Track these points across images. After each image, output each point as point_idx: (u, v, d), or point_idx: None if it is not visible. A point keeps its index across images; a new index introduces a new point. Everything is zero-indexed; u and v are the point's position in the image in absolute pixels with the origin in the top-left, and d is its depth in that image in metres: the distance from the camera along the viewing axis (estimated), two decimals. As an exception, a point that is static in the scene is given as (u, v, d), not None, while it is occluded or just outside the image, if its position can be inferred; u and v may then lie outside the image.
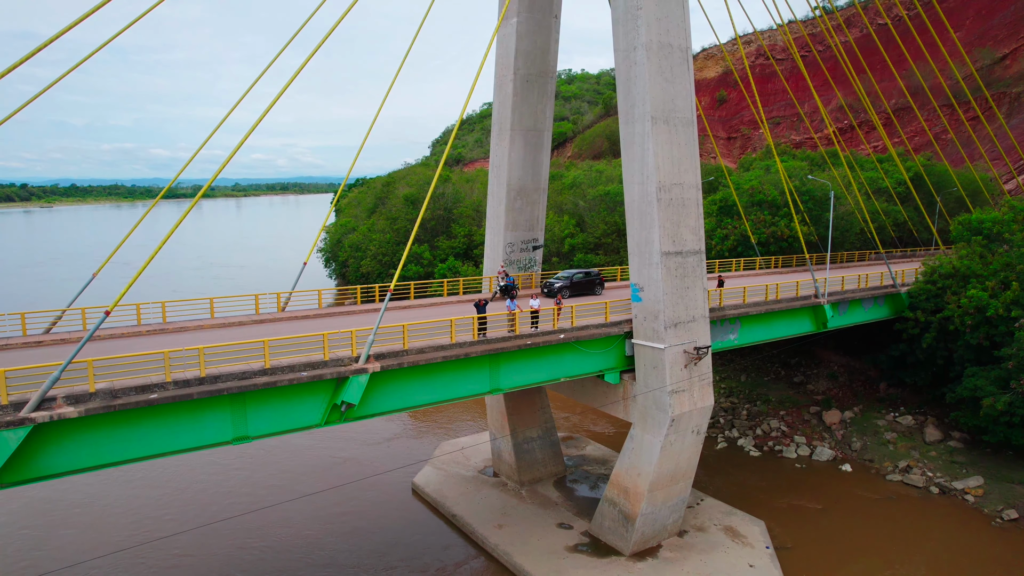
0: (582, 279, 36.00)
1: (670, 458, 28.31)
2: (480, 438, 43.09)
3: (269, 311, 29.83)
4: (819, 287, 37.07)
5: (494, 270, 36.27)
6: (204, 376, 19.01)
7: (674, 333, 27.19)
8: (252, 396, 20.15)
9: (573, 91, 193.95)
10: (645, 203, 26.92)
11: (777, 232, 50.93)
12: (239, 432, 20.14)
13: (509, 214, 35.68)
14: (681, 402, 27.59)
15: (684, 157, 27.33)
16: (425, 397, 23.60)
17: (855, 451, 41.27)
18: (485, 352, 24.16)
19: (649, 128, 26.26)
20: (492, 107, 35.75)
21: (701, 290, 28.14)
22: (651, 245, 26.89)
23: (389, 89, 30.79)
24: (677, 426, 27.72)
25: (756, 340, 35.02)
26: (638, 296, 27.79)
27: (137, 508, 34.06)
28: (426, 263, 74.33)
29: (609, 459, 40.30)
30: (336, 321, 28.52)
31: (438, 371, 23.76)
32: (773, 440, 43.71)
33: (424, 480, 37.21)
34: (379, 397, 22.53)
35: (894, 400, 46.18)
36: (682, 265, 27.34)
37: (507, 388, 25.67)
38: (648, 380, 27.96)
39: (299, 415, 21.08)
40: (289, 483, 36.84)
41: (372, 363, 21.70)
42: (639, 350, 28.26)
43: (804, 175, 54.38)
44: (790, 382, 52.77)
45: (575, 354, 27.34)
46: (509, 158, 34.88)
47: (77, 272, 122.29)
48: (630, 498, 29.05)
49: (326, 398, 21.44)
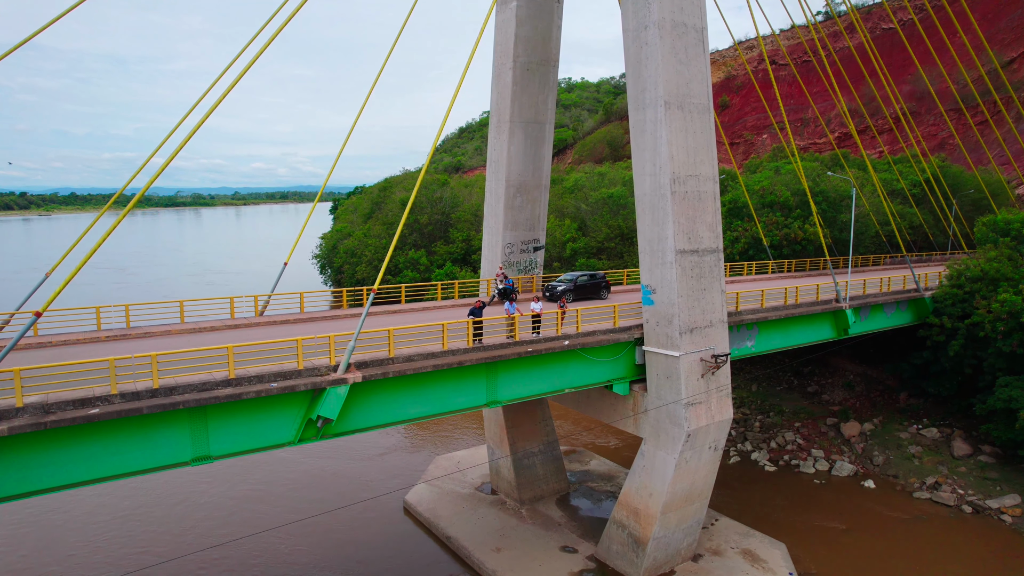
0: (587, 282, 33.57)
1: (685, 477, 25.76)
2: (478, 452, 40.49)
3: (247, 315, 27.38)
4: (840, 291, 34.63)
5: (492, 272, 33.82)
6: (157, 388, 16.54)
7: (690, 339, 24.71)
8: (214, 410, 17.66)
9: (573, 99, 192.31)
10: (658, 196, 24.52)
11: (791, 234, 48.51)
12: (199, 451, 17.64)
13: (508, 212, 33.28)
14: (698, 415, 25.07)
15: (700, 146, 24.97)
16: (414, 411, 21.10)
17: (877, 466, 38.66)
18: (481, 360, 21.69)
19: (662, 114, 23.89)
20: (490, 99, 33.44)
21: (719, 292, 25.70)
22: (664, 243, 24.47)
23: (366, 99, 28.46)
24: (693, 442, 25.19)
25: (774, 347, 32.56)
26: (650, 299, 25.34)
27: (99, 534, 31.25)
28: (423, 269, 71.92)
29: (615, 475, 37.70)
30: (319, 326, 26.05)
31: (428, 381, 21.27)
32: (789, 454, 41.12)
33: (417, 498, 34.62)
34: (361, 411, 20.04)
35: (916, 411, 43.63)
36: (698, 264, 24.91)
37: (506, 400, 23.17)
38: (661, 391, 25.45)
39: (269, 431, 18.58)
40: (270, 503, 34.20)
41: (352, 372, 19.22)
42: (651, 358, 25.77)
43: (816, 175, 52.06)
44: (804, 392, 50.24)
45: (581, 363, 24.86)
46: (508, 152, 32.52)
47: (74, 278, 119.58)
48: (641, 520, 26.48)
49: (300, 412, 18.94)
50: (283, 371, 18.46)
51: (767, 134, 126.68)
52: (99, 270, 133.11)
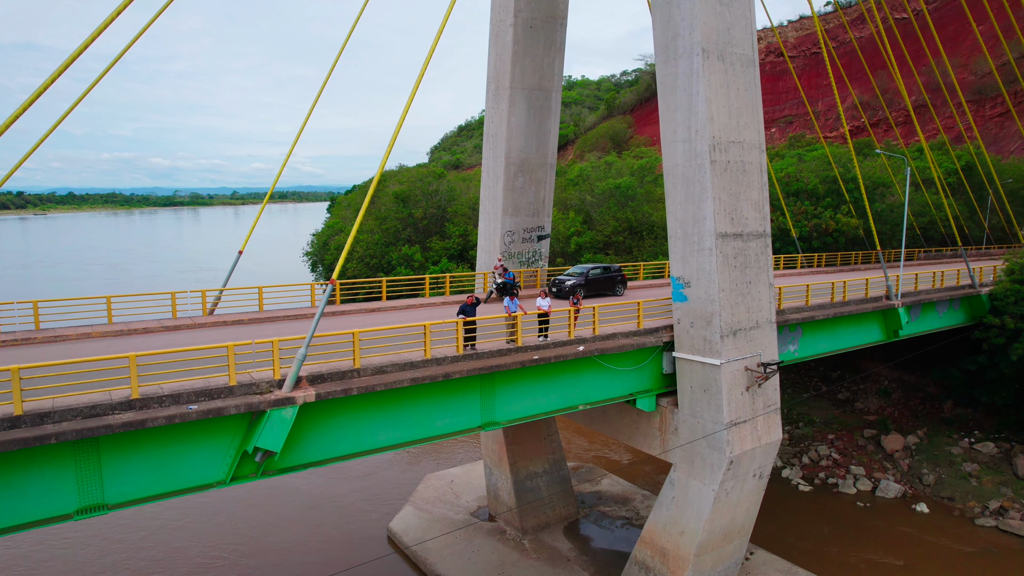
0: (600, 275, 28.89)
1: (725, 511, 21.09)
2: (474, 469, 35.80)
3: (192, 314, 22.71)
4: (891, 286, 29.97)
5: (489, 265, 29.16)
6: (21, 414, 11.89)
7: (732, 344, 20.03)
8: (110, 443, 13.02)
9: (573, 97, 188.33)
10: (693, 168, 19.84)
11: (821, 224, 43.76)
12: (88, 499, 12.98)
13: (508, 195, 28.60)
14: (742, 437, 20.40)
15: (744, 107, 20.31)
16: (386, 437, 16.41)
17: (928, 486, 33.98)
18: (474, 371, 17.03)
19: (699, 64, 19.23)
20: (487, 63, 28.76)
21: (766, 285, 21.04)
22: (702, 224, 19.80)
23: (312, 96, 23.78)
24: (736, 470, 20.52)
25: (819, 352, 27.91)
26: (682, 294, 20.66)
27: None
28: (417, 266, 67.25)
29: (630, 497, 33.02)
30: (281, 328, 21.37)
31: (406, 399, 16.59)
32: (825, 471, 36.44)
33: (403, 525, 29.97)
34: (316, 438, 15.37)
35: (964, 422, 38.95)
36: (743, 252, 20.24)
37: (505, 421, 18.50)
38: (696, 408, 20.77)
39: (189, 469, 13.93)
40: (228, 546, 29.42)
41: (303, 389, 14.55)
42: (683, 367, 21.09)
43: (847, 161, 47.34)
44: (834, 399, 45.56)
45: (597, 373, 20.19)
46: (508, 124, 27.84)
47: (62, 274, 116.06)
48: (670, 563, 21.80)
49: (233, 442, 14.29)
50: (209, 388, 13.81)
51: (775, 128, 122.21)
52: (92, 267, 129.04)
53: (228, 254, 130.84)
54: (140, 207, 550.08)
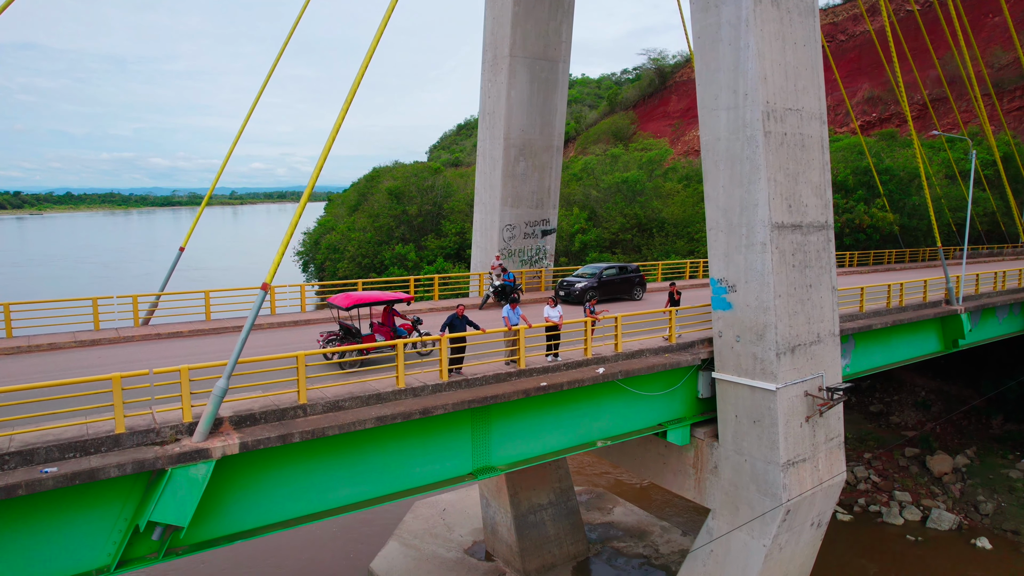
0: (615, 276, 24.75)
1: (776, 570, 16.95)
2: (469, 496, 31.65)
3: (121, 325, 18.61)
4: (952, 288, 25.87)
5: (485, 264, 25.05)
6: None
7: (790, 363, 15.90)
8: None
9: (574, 95, 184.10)
10: (740, 141, 15.72)
11: (854, 219, 39.62)
12: None
13: (508, 182, 24.47)
14: (800, 479, 16.27)
15: (803, 66, 16.21)
16: (347, 493, 12.27)
17: (987, 516, 29.86)
18: (464, 404, 12.90)
19: (750, 9, 15.12)
20: (483, 28, 24.62)
21: (829, 290, 16.92)
22: (751, 212, 15.67)
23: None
24: (793, 520, 16.39)
25: (873, 367, 23.78)
26: (725, 300, 16.52)
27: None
28: (411, 265, 63.14)
29: (648, 529, 28.89)
30: (226, 341, 17.27)
31: (372, 441, 12.46)
32: (865, 496, 32.31)
33: (386, 565, 25.86)
34: (245, 500, 11.24)
35: (1017, 440, 34.89)
36: (802, 247, 16.13)
37: (504, 466, 14.35)
38: (741, 442, 16.63)
39: (59, 551, 9.82)
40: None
41: (223, 436, 10.44)
42: (726, 391, 16.94)
43: (878, 151, 43.20)
44: (866, 412, 41.49)
45: (620, 399, 16.06)
46: (508, 99, 23.71)
47: (53, 272, 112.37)
48: (706, 630, 17.69)
49: (122, 513, 10.18)
50: (84, 439, 9.71)
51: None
52: (84, 264, 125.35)
53: (224, 253, 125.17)
54: (138, 207, 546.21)
